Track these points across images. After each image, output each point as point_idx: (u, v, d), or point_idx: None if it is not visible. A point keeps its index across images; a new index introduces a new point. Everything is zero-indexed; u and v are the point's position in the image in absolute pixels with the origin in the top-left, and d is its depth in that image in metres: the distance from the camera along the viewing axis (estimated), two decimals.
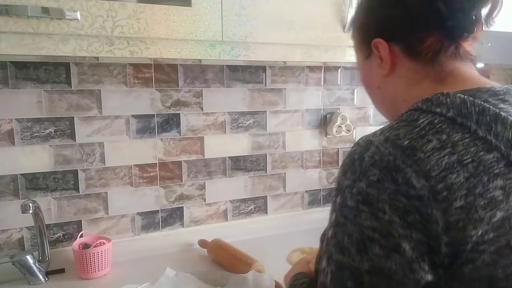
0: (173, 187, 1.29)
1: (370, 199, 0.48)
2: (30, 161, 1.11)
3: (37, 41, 0.83)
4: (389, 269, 0.46)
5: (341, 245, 0.50)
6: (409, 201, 0.46)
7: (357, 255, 0.48)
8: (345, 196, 0.51)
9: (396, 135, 0.51)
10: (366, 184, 0.49)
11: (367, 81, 0.69)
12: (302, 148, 1.46)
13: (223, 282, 0.99)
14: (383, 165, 0.48)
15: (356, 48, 0.70)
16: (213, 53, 0.99)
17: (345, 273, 0.49)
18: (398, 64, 0.62)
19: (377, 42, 0.62)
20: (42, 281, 1.05)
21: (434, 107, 0.53)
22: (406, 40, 0.60)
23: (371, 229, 0.47)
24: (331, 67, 1.46)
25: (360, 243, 0.48)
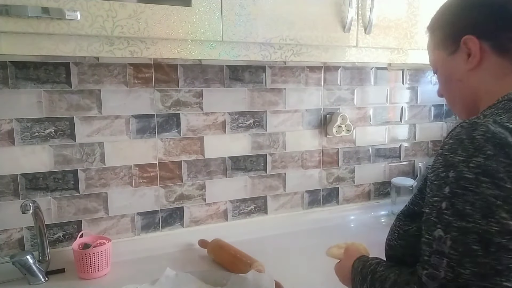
0: (173, 187, 1.29)
1: (490, 170, 0.52)
2: (30, 161, 1.11)
3: (37, 41, 0.83)
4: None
5: (463, 213, 0.52)
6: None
7: (483, 219, 0.51)
8: (461, 170, 0.54)
9: (501, 119, 0.57)
10: (484, 158, 0.52)
11: (447, 74, 0.74)
12: (302, 148, 1.46)
13: (223, 282, 0.99)
14: (496, 141, 0.53)
15: (436, 46, 0.75)
16: (213, 53, 0.99)
17: (471, 237, 0.51)
18: (485, 60, 0.67)
19: (467, 39, 0.67)
20: (42, 281, 1.05)
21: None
22: (497, 38, 0.66)
23: (493, 196, 0.51)
24: (331, 67, 1.46)
25: (486, 209, 0.51)
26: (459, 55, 0.70)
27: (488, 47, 0.67)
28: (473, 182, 0.52)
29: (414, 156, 1.68)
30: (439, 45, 0.74)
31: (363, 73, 1.52)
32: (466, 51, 0.69)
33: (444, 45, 0.73)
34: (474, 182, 0.52)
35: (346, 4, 1.07)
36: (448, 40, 0.72)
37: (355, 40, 1.11)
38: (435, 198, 0.56)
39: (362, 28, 1.11)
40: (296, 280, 1.06)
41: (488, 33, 0.67)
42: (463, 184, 0.53)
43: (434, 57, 0.77)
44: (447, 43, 0.72)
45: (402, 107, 1.62)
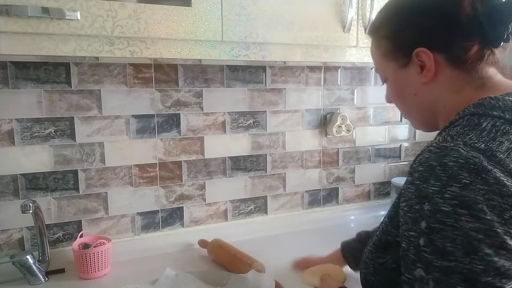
0: (173, 187, 1.29)
1: (467, 201, 0.49)
2: (30, 161, 1.11)
3: (37, 41, 0.83)
4: (502, 266, 0.47)
5: (443, 251, 0.49)
6: (503, 199, 0.49)
7: (466, 257, 0.48)
8: (436, 202, 0.50)
9: (471, 139, 0.53)
10: (459, 187, 0.49)
11: (400, 87, 0.70)
12: (302, 148, 1.46)
13: (223, 282, 0.99)
14: (471, 168, 0.50)
15: (384, 56, 0.71)
16: (213, 53, 0.99)
17: (455, 277, 0.48)
18: (440, 72, 0.64)
19: (420, 52, 0.64)
20: (42, 281, 1.05)
21: (489, 110, 0.57)
22: (451, 49, 0.63)
23: (474, 230, 0.48)
24: (331, 67, 1.46)
25: (467, 246, 0.48)
26: (412, 68, 0.66)
27: (443, 59, 0.63)
28: (451, 216, 0.49)
29: (414, 156, 1.68)
30: (387, 56, 0.70)
31: (363, 73, 1.52)
32: (419, 63, 0.65)
33: (393, 56, 0.69)
34: (452, 216, 0.49)
35: (346, 4, 1.07)
36: (398, 52, 0.67)
37: (355, 40, 1.11)
38: (411, 233, 0.53)
39: (362, 28, 1.11)
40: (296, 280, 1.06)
41: (440, 44, 0.63)
42: (440, 218, 0.50)
43: (382, 67, 0.73)
44: (397, 55, 0.68)
45: None
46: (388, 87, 0.73)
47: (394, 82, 0.71)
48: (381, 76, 0.75)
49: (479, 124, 0.55)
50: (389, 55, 0.69)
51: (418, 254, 0.51)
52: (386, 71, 0.72)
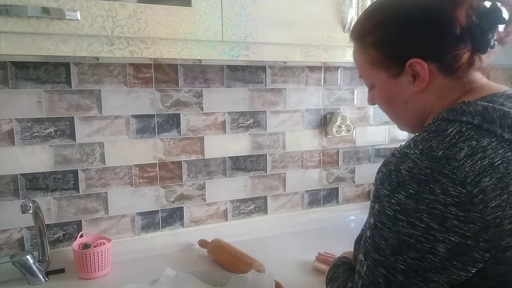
0: (173, 187, 1.29)
1: (408, 209, 0.54)
2: (30, 161, 1.11)
3: (37, 41, 0.83)
4: (422, 268, 0.53)
5: (377, 246, 0.57)
6: (446, 208, 0.52)
7: (392, 256, 0.55)
8: (383, 204, 0.57)
9: (430, 147, 0.56)
10: (405, 196, 0.55)
11: (389, 95, 0.70)
12: (302, 148, 1.46)
13: (223, 282, 0.99)
14: (421, 178, 0.54)
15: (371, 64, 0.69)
16: (213, 53, 0.99)
17: (380, 270, 0.57)
18: (432, 81, 0.64)
19: (415, 63, 0.63)
20: (42, 281, 1.05)
21: (459, 116, 0.58)
22: (443, 58, 0.63)
23: (407, 235, 0.54)
24: (331, 67, 1.46)
25: (396, 247, 0.55)
26: (404, 78, 0.66)
27: (436, 69, 0.63)
28: (391, 219, 0.56)
29: None
30: (375, 64, 0.68)
31: None
32: (411, 73, 0.64)
33: (383, 66, 0.67)
34: (391, 220, 0.56)
35: (346, 4, 1.07)
36: (389, 62, 0.66)
37: None
38: (367, 224, 0.61)
39: None
40: (296, 280, 1.06)
41: (434, 54, 0.63)
42: (383, 219, 0.57)
43: (369, 75, 0.71)
44: (387, 65, 0.67)
45: None
46: (375, 93, 0.73)
47: (383, 90, 0.71)
48: (367, 83, 0.74)
49: (445, 130, 0.58)
50: (378, 64, 0.68)
51: (364, 243, 0.60)
52: (373, 79, 0.71)
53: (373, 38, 0.68)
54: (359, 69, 0.74)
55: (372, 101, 0.76)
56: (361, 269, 0.60)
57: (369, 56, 0.69)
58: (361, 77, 0.75)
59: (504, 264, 0.52)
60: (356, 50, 0.72)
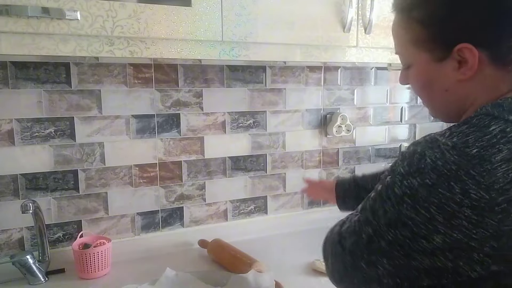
0: (173, 187, 1.29)
1: (417, 197, 0.51)
2: (30, 161, 1.11)
3: (37, 41, 0.83)
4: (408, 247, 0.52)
5: (375, 211, 0.56)
6: (460, 208, 0.49)
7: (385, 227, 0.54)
8: (395, 181, 0.55)
9: (465, 142, 0.51)
10: (419, 183, 0.51)
11: (428, 79, 0.63)
12: (302, 148, 1.46)
13: (223, 282, 0.99)
14: (443, 172, 0.50)
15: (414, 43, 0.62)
16: (213, 53, 0.99)
17: (367, 228, 0.56)
18: (480, 71, 0.58)
19: (464, 48, 0.56)
20: (42, 281, 1.05)
21: (506, 114, 0.54)
22: (498, 47, 0.57)
23: (407, 217, 0.52)
24: (331, 67, 1.46)
25: (392, 221, 0.54)
26: (449, 63, 0.59)
27: (486, 58, 0.57)
28: (396, 197, 0.54)
29: None
30: (419, 44, 0.61)
31: (363, 73, 1.52)
32: (458, 59, 0.58)
33: (428, 47, 0.61)
34: (397, 198, 0.53)
35: (346, 4, 1.07)
36: (436, 43, 0.59)
37: (355, 40, 1.11)
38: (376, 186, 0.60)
39: (362, 28, 1.11)
40: (296, 280, 1.06)
41: (488, 41, 0.56)
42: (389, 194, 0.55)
43: (408, 53, 0.64)
44: (433, 46, 0.60)
45: (402, 107, 1.62)
46: (412, 74, 0.65)
47: (422, 73, 0.63)
48: (403, 61, 0.66)
49: (488, 127, 0.52)
50: (422, 43, 0.61)
51: (367, 199, 0.60)
52: (412, 59, 0.64)
53: (421, 13, 0.60)
54: (397, 45, 0.67)
55: (405, 82, 0.68)
56: (354, 216, 0.61)
57: (413, 33, 0.61)
58: (398, 53, 0.67)
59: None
60: (398, 23, 0.64)
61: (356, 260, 0.57)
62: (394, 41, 0.67)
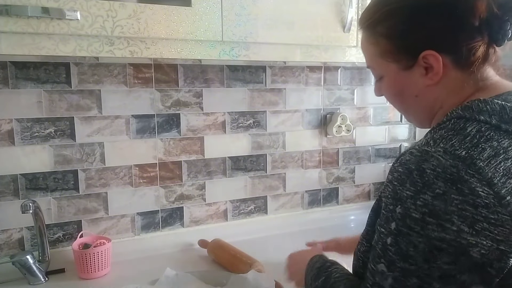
0: (173, 187, 1.29)
1: (437, 211, 0.50)
2: (30, 161, 1.11)
3: (37, 41, 0.83)
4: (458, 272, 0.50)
5: (406, 254, 0.52)
6: (476, 210, 0.49)
7: (425, 263, 0.51)
8: (408, 207, 0.53)
9: (452, 145, 0.53)
10: (432, 196, 0.51)
11: (399, 88, 0.66)
12: (302, 148, 1.46)
13: (223, 282, 0.99)
14: (447, 177, 0.50)
15: (382, 55, 0.65)
16: (213, 53, 0.99)
17: (413, 280, 0.52)
18: (445, 75, 0.61)
19: (429, 55, 0.60)
20: (42, 281, 1.05)
21: (476, 114, 0.56)
22: (459, 51, 0.59)
23: (438, 239, 0.50)
24: (331, 67, 1.46)
25: (428, 254, 0.51)
26: (416, 70, 0.62)
27: (450, 62, 0.60)
28: (418, 223, 0.51)
29: None
30: (386, 56, 0.65)
31: (363, 73, 1.52)
32: (424, 66, 0.61)
33: (394, 58, 0.64)
34: (419, 223, 0.51)
35: (346, 4, 1.07)
36: (401, 54, 0.63)
37: (355, 40, 1.11)
38: (382, 229, 0.56)
39: None
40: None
41: (449, 46, 0.60)
42: (409, 223, 0.52)
43: (378, 66, 0.68)
44: (399, 56, 0.63)
45: None
46: (384, 85, 0.69)
47: (393, 82, 0.67)
48: (375, 74, 0.70)
49: (464, 129, 0.55)
50: (389, 55, 0.64)
51: (384, 251, 0.54)
52: (383, 70, 0.67)
53: (384, 27, 0.64)
54: (367, 59, 0.70)
55: (379, 93, 0.72)
56: (383, 282, 0.54)
57: (379, 47, 0.65)
58: (369, 67, 0.71)
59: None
60: (365, 39, 0.68)
61: None
62: (364, 56, 0.70)
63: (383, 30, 0.64)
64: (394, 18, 0.63)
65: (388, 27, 0.63)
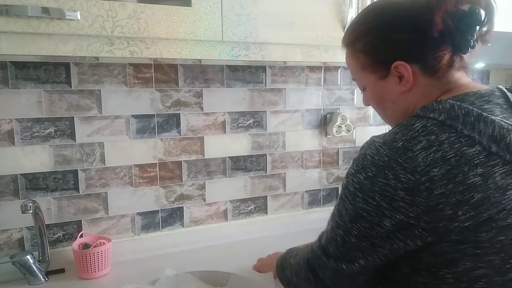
0: (173, 187, 1.29)
1: (365, 189, 0.63)
2: (30, 161, 1.11)
3: (37, 41, 0.83)
4: (370, 236, 0.63)
5: (340, 213, 0.68)
6: (395, 192, 0.60)
7: (349, 223, 0.66)
8: (348, 181, 0.67)
9: (393, 138, 0.63)
10: (364, 177, 0.64)
11: (379, 96, 0.76)
12: (302, 148, 1.46)
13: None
14: (379, 164, 0.62)
15: (362, 68, 0.75)
16: (213, 53, 0.99)
17: (339, 231, 0.68)
18: (416, 81, 0.70)
19: (399, 65, 0.69)
20: (42, 281, 1.05)
21: (428, 113, 0.65)
22: (425, 60, 0.68)
23: (361, 209, 0.64)
24: (331, 67, 1.46)
25: (353, 217, 0.65)
26: (390, 79, 0.72)
27: (418, 70, 0.69)
28: (351, 195, 0.66)
29: None
30: (365, 68, 0.75)
31: None
32: (397, 75, 0.70)
33: (372, 69, 0.74)
34: (351, 195, 0.65)
35: (346, 4, 1.07)
36: (377, 65, 0.73)
37: None
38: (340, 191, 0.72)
39: None
40: None
41: (416, 56, 0.69)
42: (346, 194, 0.67)
43: (360, 78, 0.78)
44: (375, 68, 0.73)
45: None
46: (367, 94, 0.79)
47: (374, 91, 0.77)
48: (360, 85, 0.80)
49: (412, 124, 0.64)
50: (367, 68, 0.74)
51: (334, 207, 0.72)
52: (364, 82, 0.77)
53: (361, 44, 0.74)
54: (351, 72, 0.80)
55: (366, 102, 0.83)
56: (327, 227, 0.72)
57: (359, 61, 0.75)
58: (354, 80, 0.81)
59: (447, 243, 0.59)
60: (348, 55, 0.78)
61: (339, 263, 0.67)
62: (349, 69, 0.81)
63: (360, 46, 0.74)
64: (367, 36, 0.73)
65: (364, 43, 0.74)
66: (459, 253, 0.59)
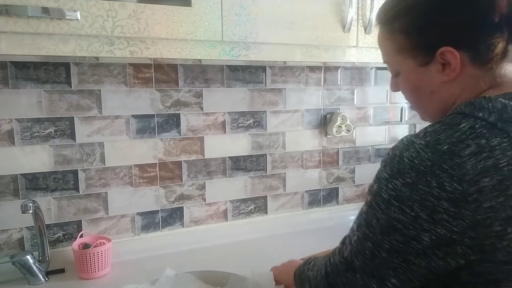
0: (173, 187, 1.29)
1: (402, 196, 0.55)
2: (30, 161, 1.11)
3: (37, 41, 0.83)
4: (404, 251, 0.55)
5: (369, 223, 0.59)
6: (438, 202, 0.52)
7: (380, 235, 0.57)
8: (381, 187, 0.58)
9: (437, 140, 0.55)
10: (402, 183, 0.55)
11: (416, 84, 0.67)
12: (302, 148, 1.46)
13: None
14: (420, 169, 0.54)
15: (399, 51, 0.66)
16: (213, 53, 0.99)
17: (367, 244, 0.59)
18: (462, 72, 0.61)
19: (446, 51, 0.60)
20: (42, 281, 1.05)
21: (476, 112, 0.56)
22: (477, 48, 0.59)
23: (396, 220, 0.55)
24: (331, 67, 1.46)
25: (385, 228, 0.57)
26: (432, 67, 0.62)
27: (467, 58, 0.60)
28: (384, 203, 0.57)
29: None
30: (404, 52, 0.65)
31: (363, 73, 1.52)
32: (441, 62, 0.61)
33: (412, 54, 0.64)
34: (385, 203, 0.57)
35: (346, 4, 1.07)
36: (418, 50, 0.63)
37: (355, 40, 1.11)
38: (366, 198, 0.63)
39: (362, 28, 1.11)
40: None
41: (467, 43, 0.59)
42: (378, 201, 0.59)
43: (395, 62, 0.68)
44: (416, 53, 0.63)
45: (402, 107, 1.62)
46: (400, 80, 0.69)
47: (410, 78, 0.67)
48: (391, 69, 0.70)
49: (458, 124, 0.56)
50: (406, 51, 0.64)
51: (360, 215, 0.63)
52: (399, 67, 0.68)
53: (402, 23, 0.64)
54: (384, 54, 0.70)
55: (396, 88, 0.72)
56: (352, 237, 0.63)
57: (397, 43, 0.65)
58: (385, 63, 0.71)
59: (491, 263, 0.53)
60: (382, 35, 0.68)
61: (367, 280, 0.59)
62: (381, 51, 0.71)
63: (400, 25, 0.64)
64: (412, 14, 0.63)
65: (405, 23, 0.63)
66: (503, 274, 0.53)
